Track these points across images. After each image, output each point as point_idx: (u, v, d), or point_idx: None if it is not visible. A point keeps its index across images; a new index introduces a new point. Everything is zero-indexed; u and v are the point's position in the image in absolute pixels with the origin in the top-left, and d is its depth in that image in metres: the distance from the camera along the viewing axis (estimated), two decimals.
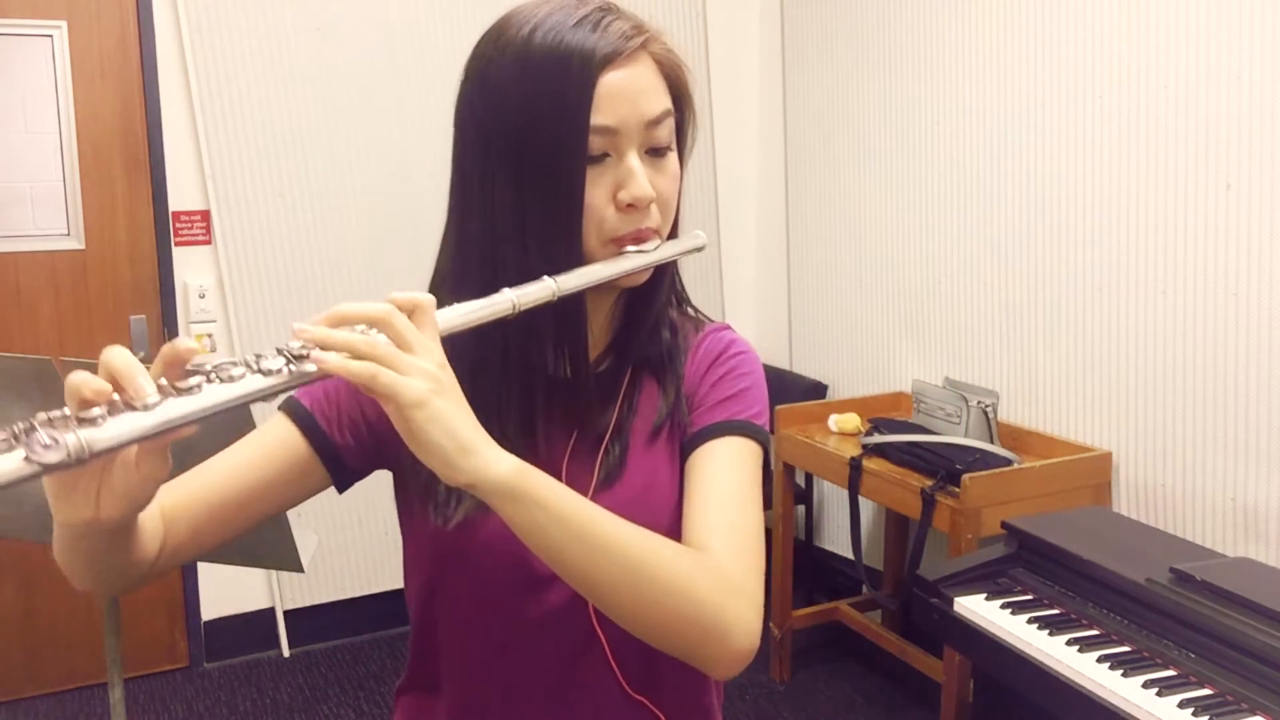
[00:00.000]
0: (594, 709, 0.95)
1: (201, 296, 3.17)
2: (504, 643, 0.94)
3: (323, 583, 3.40)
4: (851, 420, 3.07)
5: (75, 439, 0.61)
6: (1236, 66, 2.31)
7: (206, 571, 3.27)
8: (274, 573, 3.28)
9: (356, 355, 0.72)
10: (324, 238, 3.28)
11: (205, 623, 3.31)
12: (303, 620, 3.40)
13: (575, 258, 0.86)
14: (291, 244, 3.25)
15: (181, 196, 3.14)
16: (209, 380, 0.67)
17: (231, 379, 0.67)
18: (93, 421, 0.62)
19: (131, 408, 0.64)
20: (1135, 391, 2.59)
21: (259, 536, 1.71)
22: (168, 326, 3.17)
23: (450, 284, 0.92)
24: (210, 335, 3.20)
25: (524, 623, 0.92)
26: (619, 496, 0.93)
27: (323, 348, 0.71)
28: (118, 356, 0.65)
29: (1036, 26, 2.80)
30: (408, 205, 3.29)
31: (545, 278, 0.83)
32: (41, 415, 0.61)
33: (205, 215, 3.16)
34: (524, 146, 0.85)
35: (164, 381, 0.66)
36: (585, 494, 0.91)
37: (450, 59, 0.92)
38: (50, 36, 2.97)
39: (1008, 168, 2.92)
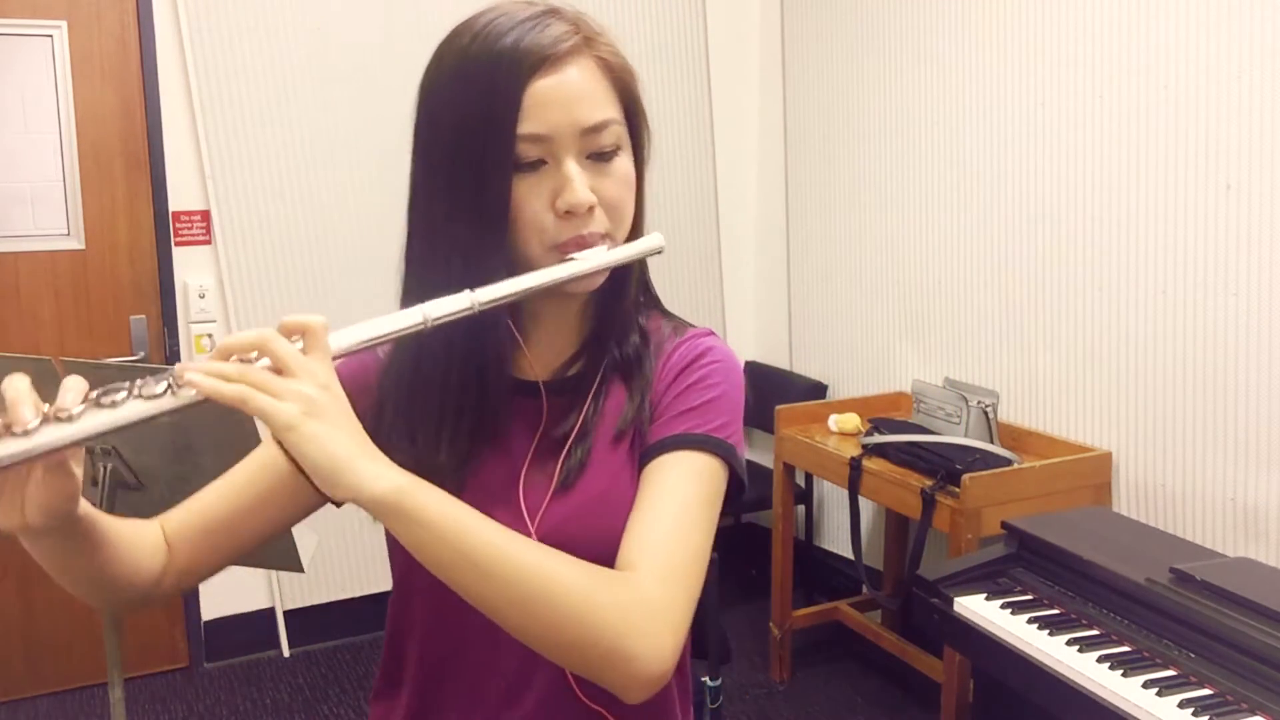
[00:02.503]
0: (550, 714, 0.94)
1: (201, 296, 3.17)
2: (460, 646, 0.95)
3: (323, 583, 3.40)
4: (851, 420, 3.07)
5: None
6: (1236, 66, 2.31)
7: None
8: (274, 573, 3.29)
9: (228, 381, 0.73)
10: (324, 237, 3.28)
11: (205, 623, 3.31)
12: (303, 620, 3.40)
13: (500, 267, 0.85)
14: (291, 244, 3.25)
15: (181, 196, 3.14)
16: (90, 405, 0.71)
17: (114, 404, 0.71)
18: None
19: (11, 434, 0.69)
20: (1135, 391, 2.59)
21: None
22: (168, 326, 3.17)
23: (405, 295, 0.93)
24: (210, 335, 3.20)
25: (479, 627, 0.90)
26: (576, 500, 0.92)
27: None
28: (11, 391, 0.70)
29: (1036, 26, 2.80)
30: (406, 203, 3.29)
31: (465, 291, 0.82)
32: None
33: (205, 215, 3.16)
34: (456, 156, 0.85)
35: (47, 408, 0.70)
36: (543, 496, 0.91)
37: None
38: (50, 36, 2.97)
39: (1008, 168, 2.92)
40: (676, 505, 0.87)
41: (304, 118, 3.22)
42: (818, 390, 3.58)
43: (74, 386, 0.71)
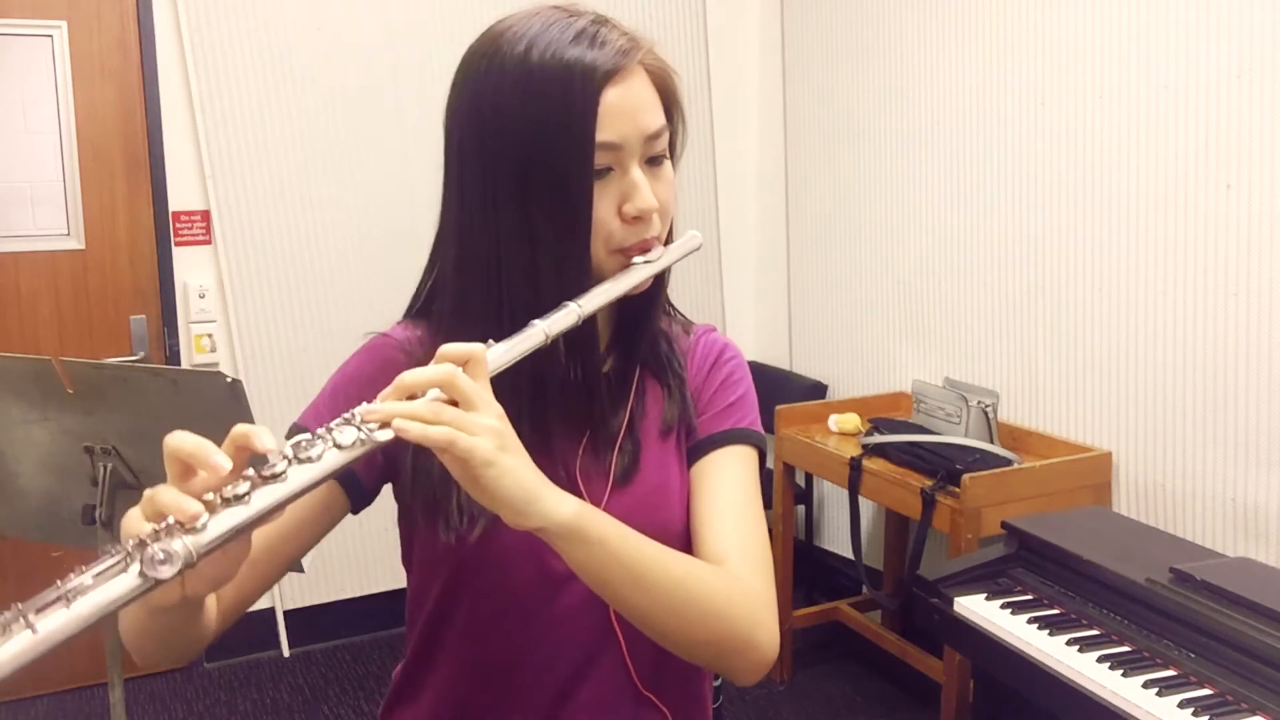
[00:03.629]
0: (605, 704, 0.96)
1: (201, 296, 3.17)
2: (522, 641, 0.95)
3: (323, 583, 3.40)
4: (851, 420, 3.07)
5: (184, 547, 0.64)
6: (1236, 66, 2.31)
7: None
8: None
9: (427, 422, 0.73)
10: (324, 237, 3.28)
11: None
12: (303, 620, 3.40)
13: (584, 271, 0.88)
14: (291, 244, 3.25)
15: (181, 196, 3.14)
16: (292, 462, 0.70)
17: (311, 460, 0.70)
18: (195, 526, 0.65)
19: (225, 501, 0.67)
20: (1135, 391, 2.59)
21: None
22: (168, 326, 3.17)
23: (452, 297, 0.93)
24: (210, 335, 3.20)
25: (543, 621, 0.93)
26: (634, 494, 0.94)
27: (389, 421, 0.73)
28: (192, 445, 0.67)
29: (1037, 26, 2.80)
30: (407, 204, 3.29)
31: (568, 303, 0.84)
32: (148, 528, 0.64)
33: (205, 215, 3.16)
34: (529, 165, 0.86)
35: (251, 471, 0.68)
36: (602, 493, 0.94)
37: (450, 59, 0.92)
38: (50, 36, 2.97)
39: (1008, 167, 2.92)
40: (742, 498, 0.95)
41: (304, 118, 3.22)
42: (818, 390, 3.58)
43: (272, 445, 0.69)
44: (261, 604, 3.36)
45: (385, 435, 0.72)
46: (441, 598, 0.97)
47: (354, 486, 0.94)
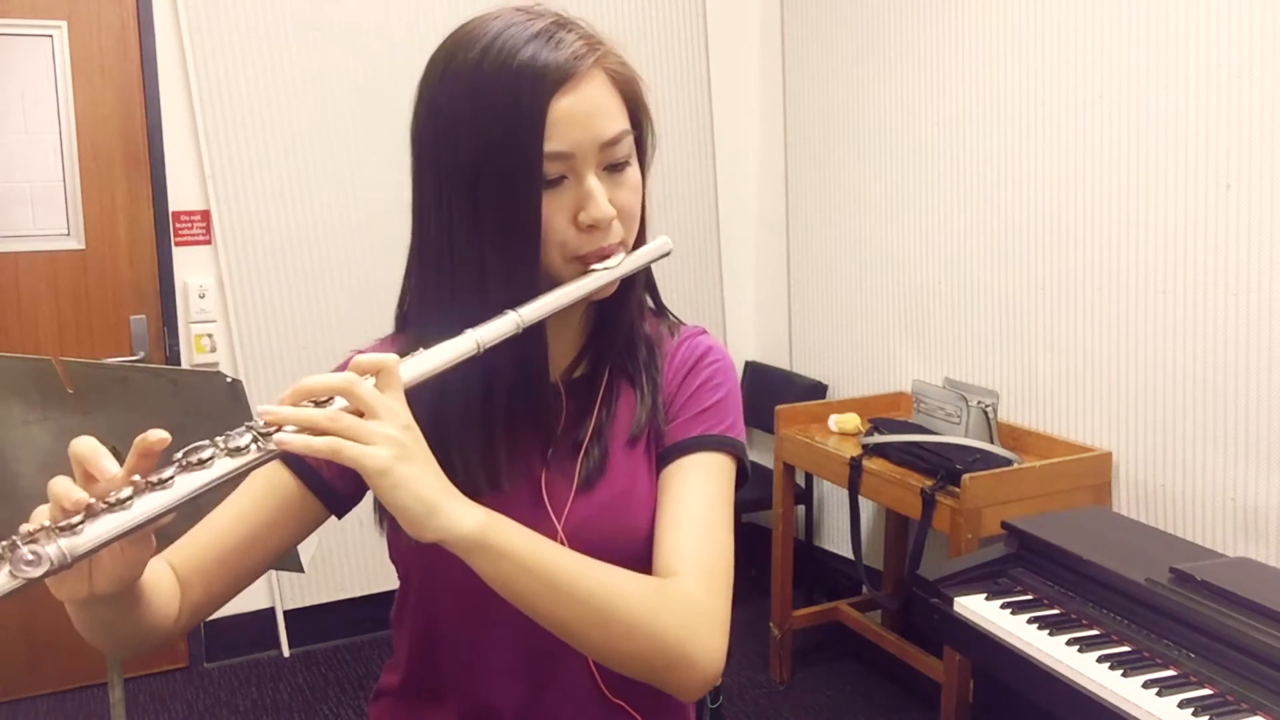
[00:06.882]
0: (572, 712, 0.96)
1: (201, 296, 3.17)
2: (483, 647, 0.95)
3: (323, 583, 3.40)
4: (851, 420, 3.07)
5: (57, 549, 0.64)
6: (1236, 66, 2.31)
7: None
8: (274, 573, 3.28)
9: (319, 431, 0.73)
10: (324, 237, 3.28)
11: (205, 623, 3.31)
12: (303, 620, 3.40)
13: (533, 280, 0.87)
14: (291, 244, 3.25)
15: (181, 196, 3.14)
16: (181, 469, 0.70)
17: (202, 463, 0.70)
18: (72, 529, 0.65)
19: (108, 506, 0.67)
20: (1135, 391, 2.59)
21: None
22: (167, 326, 3.17)
23: (414, 306, 0.94)
24: (210, 335, 3.20)
25: (503, 627, 0.92)
26: (599, 499, 0.93)
27: (286, 425, 0.73)
28: (85, 449, 0.68)
29: (1037, 26, 2.80)
30: (407, 204, 3.29)
31: (508, 312, 0.84)
32: (23, 528, 0.65)
33: (205, 215, 3.16)
34: (478, 176, 0.85)
35: (137, 477, 0.68)
36: (566, 498, 0.93)
37: None
38: (50, 36, 2.97)
39: (1008, 167, 2.92)
40: (704, 507, 0.91)
41: (304, 118, 3.22)
42: (818, 390, 3.58)
43: (158, 448, 0.70)
44: (262, 604, 3.36)
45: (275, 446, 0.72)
46: (408, 599, 0.99)
47: (328, 494, 0.94)
